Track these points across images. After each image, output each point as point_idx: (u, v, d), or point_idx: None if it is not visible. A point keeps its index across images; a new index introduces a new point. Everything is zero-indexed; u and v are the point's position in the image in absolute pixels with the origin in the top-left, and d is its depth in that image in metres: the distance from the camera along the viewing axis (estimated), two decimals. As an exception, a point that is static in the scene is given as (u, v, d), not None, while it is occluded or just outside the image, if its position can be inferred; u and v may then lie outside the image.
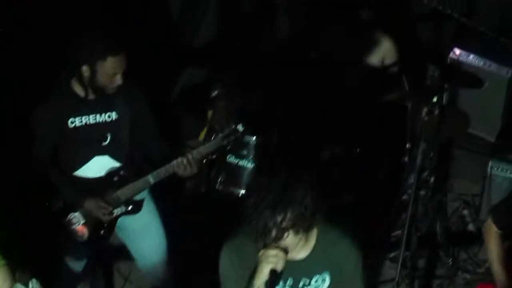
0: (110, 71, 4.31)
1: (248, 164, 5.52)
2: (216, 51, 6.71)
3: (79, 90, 4.43)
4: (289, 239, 3.30)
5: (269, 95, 6.04)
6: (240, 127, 4.56)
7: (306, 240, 3.48)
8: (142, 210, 4.75)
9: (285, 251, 3.35)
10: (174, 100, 6.33)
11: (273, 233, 3.26)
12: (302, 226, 3.30)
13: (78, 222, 4.60)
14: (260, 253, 3.37)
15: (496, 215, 4.28)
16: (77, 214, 4.59)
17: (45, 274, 4.76)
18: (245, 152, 5.50)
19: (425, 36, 6.85)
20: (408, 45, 6.21)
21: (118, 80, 4.36)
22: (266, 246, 3.35)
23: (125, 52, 4.35)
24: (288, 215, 3.24)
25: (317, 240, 3.54)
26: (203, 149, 4.58)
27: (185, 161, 4.52)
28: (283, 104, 5.90)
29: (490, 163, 5.91)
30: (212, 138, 4.61)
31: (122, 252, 5.13)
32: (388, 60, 5.99)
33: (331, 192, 5.50)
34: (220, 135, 4.58)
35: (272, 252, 3.33)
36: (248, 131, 4.71)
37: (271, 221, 3.24)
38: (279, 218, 3.23)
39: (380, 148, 5.82)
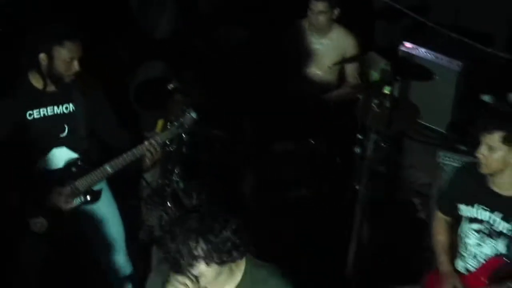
0: (67, 55, 4.34)
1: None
2: (174, 46, 6.76)
3: (37, 82, 4.44)
4: (204, 270, 3.13)
5: (223, 90, 6.11)
6: (194, 115, 4.64)
7: (230, 274, 3.31)
8: (100, 200, 4.78)
9: (197, 281, 3.17)
10: (133, 93, 6.33)
11: (184, 259, 3.09)
12: (216, 259, 3.11)
13: (38, 213, 4.55)
14: (170, 276, 3.20)
15: (440, 200, 4.39)
16: (36, 206, 4.56)
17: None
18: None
19: (378, 30, 6.93)
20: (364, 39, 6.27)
21: (76, 66, 4.38)
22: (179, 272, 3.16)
23: (80, 39, 4.38)
24: (201, 244, 3.06)
25: (244, 276, 3.35)
26: (161, 138, 4.65)
27: (149, 146, 4.58)
28: (237, 99, 5.97)
29: (440, 153, 5.93)
30: (169, 127, 4.69)
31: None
32: (349, 55, 6.03)
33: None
34: (176, 124, 4.66)
35: (180, 279, 3.16)
36: (202, 120, 4.75)
37: (183, 247, 3.07)
38: (192, 245, 3.06)
39: (333, 140, 5.86)
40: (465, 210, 4.07)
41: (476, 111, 6.24)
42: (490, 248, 4.00)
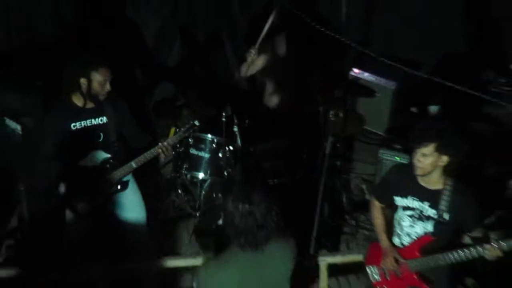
0: (101, 78, 4.33)
1: (206, 155, 5.53)
2: (181, 72, 6.71)
3: (78, 101, 4.41)
4: None
5: (219, 105, 6.05)
6: (196, 122, 4.58)
7: None
8: (128, 188, 4.72)
9: None
10: (150, 109, 6.29)
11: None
12: None
13: (81, 199, 4.54)
14: None
15: (376, 192, 4.34)
16: (80, 194, 4.54)
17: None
18: (202, 146, 5.51)
19: (332, 60, 6.90)
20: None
21: (108, 86, 4.37)
22: None
23: (108, 65, 4.36)
24: None
25: None
26: (171, 140, 4.58)
27: (163, 147, 4.52)
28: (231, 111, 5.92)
29: (380, 151, 5.93)
30: (177, 132, 4.65)
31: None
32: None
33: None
34: (183, 129, 4.61)
35: None
36: (203, 127, 4.71)
37: None
38: None
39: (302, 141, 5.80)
40: (400, 201, 4.02)
41: (406, 119, 6.23)
42: (420, 228, 3.96)
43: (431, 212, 3.89)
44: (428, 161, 3.75)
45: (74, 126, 4.44)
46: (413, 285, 4.06)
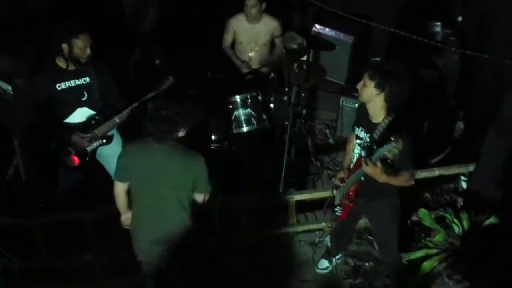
0: (81, 44, 4.33)
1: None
2: (156, 35, 6.62)
3: (62, 63, 4.43)
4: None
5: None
6: (170, 78, 4.57)
7: None
8: (112, 142, 4.75)
9: None
10: (130, 68, 6.25)
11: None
12: None
13: (70, 153, 4.58)
14: None
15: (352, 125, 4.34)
16: (68, 148, 4.57)
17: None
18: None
19: (296, 17, 6.88)
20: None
21: (88, 51, 4.38)
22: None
23: (89, 32, 4.36)
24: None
25: None
26: (150, 96, 4.53)
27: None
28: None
29: (341, 98, 6.00)
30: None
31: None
32: (276, 34, 5.90)
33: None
34: (161, 85, 4.57)
35: None
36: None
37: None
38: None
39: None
40: (356, 130, 4.11)
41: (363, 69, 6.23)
42: (363, 154, 4.02)
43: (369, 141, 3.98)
44: (366, 90, 3.85)
45: (59, 86, 4.45)
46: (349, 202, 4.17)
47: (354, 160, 4.13)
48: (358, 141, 4.08)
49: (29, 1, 5.84)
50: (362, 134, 4.04)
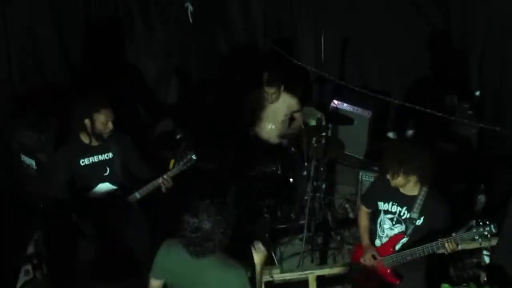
0: (103, 119, 4.37)
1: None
2: (178, 109, 6.81)
3: (85, 139, 4.48)
4: None
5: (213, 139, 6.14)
6: (193, 156, 4.62)
7: None
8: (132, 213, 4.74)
9: None
10: (152, 142, 6.35)
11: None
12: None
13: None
14: None
15: (363, 199, 4.43)
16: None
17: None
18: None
19: (314, 93, 7.00)
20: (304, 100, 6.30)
21: (110, 126, 4.41)
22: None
23: (111, 106, 4.40)
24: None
25: None
26: (171, 173, 4.63)
27: (164, 180, 4.59)
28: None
29: (360, 173, 5.97)
30: (176, 165, 4.66)
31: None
32: (294, 111, 5.98)
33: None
34: (181, 162, 4.64)
35: None
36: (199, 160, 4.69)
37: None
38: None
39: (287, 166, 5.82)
40: (382, 206, 4.13)
41: (382, 143, 6.27)
42: (398, 230, 4.07)
43: (407, 215, 3.99)
44: (398, 180, 3.88)
45: (82, 162, 4.50)
46: (387, 279, 4.18)
47: (384, 235, 4.14)
48: (390, 215, 4.09)
49: (53, 74, 6.03)
50: (394, 208, 4.06)
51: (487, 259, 5.10)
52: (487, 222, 3.71)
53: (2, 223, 5.38)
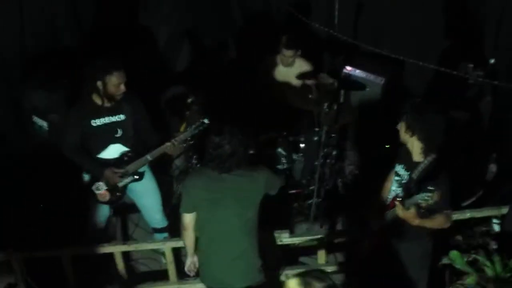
0: (116, 81, 4.37)
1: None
2: (190, 73, 6.79)
3: (97, 100, 4.48)
4: None
5: (225, 103, 6.11)
6: (206, 120, 4.62)
7: None
8: (144, 178, 4.81)
9: None
10: (163, 105, 6.36)
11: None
12: None
13: (101, 189, 4.66)
14: None
15: None
16: (100, 183, 4.64)
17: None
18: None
19: (326, 59, 6.96)
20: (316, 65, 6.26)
21: (123, 88, 4.41)
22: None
23: (124, 69, 4.40)
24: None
25: None
26: (183, 136, 4.65)
27: (173, 144, 4.60)
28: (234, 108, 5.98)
29: (372, 140, 6.01)
30: (188, 129, 4.68)
31: (132, 207, 5.20)
32: (306, 77, 5.92)
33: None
34: (193, 126, 4.65)
35: None
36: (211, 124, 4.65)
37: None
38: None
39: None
40: (396, 167, 4.13)
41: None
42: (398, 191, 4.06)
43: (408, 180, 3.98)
44: (400, 133, 3.93)
45: (94, 122, 4.52)
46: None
47: (390, 197, 4.15)
48: (397, 177, 4.09)
49: (66, 37, 6.03)
50: (402, 171, 4.06)
51: (496, 228, 5.10)
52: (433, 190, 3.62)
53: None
